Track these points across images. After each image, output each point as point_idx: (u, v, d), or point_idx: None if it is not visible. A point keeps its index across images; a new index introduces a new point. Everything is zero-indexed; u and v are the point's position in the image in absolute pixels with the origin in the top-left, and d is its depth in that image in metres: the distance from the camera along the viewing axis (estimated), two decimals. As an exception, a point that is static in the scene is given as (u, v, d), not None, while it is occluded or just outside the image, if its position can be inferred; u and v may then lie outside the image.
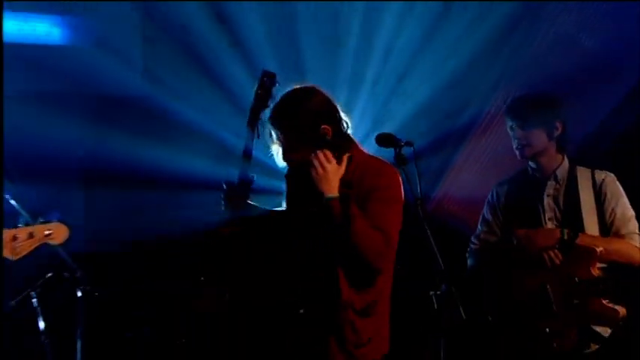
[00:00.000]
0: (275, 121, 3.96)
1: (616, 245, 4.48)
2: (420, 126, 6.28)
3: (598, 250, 4.38)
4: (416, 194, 3.79)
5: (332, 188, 3.78)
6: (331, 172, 3.84)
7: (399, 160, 3.85)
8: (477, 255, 4.84)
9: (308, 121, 3.90)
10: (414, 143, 3.87)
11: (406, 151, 3.89)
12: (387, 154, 3.95)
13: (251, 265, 4.46)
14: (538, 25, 6.19)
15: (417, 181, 3.83)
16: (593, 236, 4.50)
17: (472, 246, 4.86)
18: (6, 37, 6.02)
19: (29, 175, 5.42)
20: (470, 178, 6.37)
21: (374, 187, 3.80)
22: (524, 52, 6.26)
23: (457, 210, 6.24)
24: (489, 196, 4.91)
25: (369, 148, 4.34)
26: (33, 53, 6.28)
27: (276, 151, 4.09)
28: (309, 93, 3.96)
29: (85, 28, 6.55)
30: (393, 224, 3.84)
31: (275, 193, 4.54)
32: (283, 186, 4.33)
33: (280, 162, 4.12)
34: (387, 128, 5.34)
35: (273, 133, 3.98)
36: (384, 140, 3.92)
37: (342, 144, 3.94)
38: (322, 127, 3.88)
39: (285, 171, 4.14)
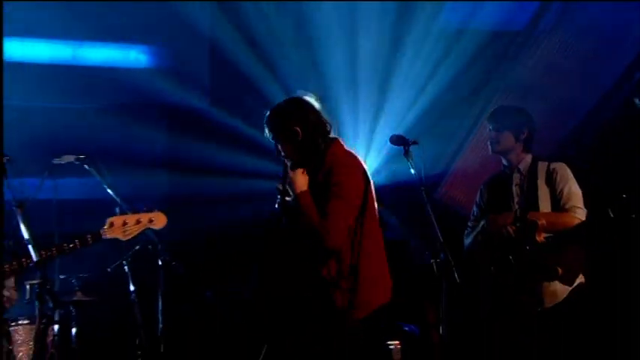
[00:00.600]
0: (265, 123, 4.35)
1: (558, 218, 4.87)
2: (431, 126, 6.58)
3: (540, 222, 4.76)
4: (420, 182, 4.23)
5: (299, 186, 4.18)
6: (296, 177, 4.20)
7: (407, 155, 4.29)
8: (468, 238, 5.22)
9: (283, 124, 4.31)
10: (419, 142, 4.32)
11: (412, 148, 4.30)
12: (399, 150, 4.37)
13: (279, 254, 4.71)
14: (524, 50, 6.59)
15: (422, 172, 4.27)
16: (540, 212, 4.87)
17: (466, 231, 5.24)
18: (105, 62, 6.82)
19: (121, 168, 5.63)
20: (470, 172, 6.56)
21: (330, 183, 4.11)
22: (514, 69, 6.58)
23: (460, 197, 6.42)
24: (477, 195, 5.31)
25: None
26: (126, 74, 6.77)
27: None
28: (290, 101, 4.43)
29: (166, 55, 7.04)
30: (339, 214, 4.08)
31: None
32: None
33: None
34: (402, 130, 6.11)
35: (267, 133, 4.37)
36: (395, 140, 4.38)
37: (315, 142, 4.30)
38: (294, 128, 4.25)
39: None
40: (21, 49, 6.68)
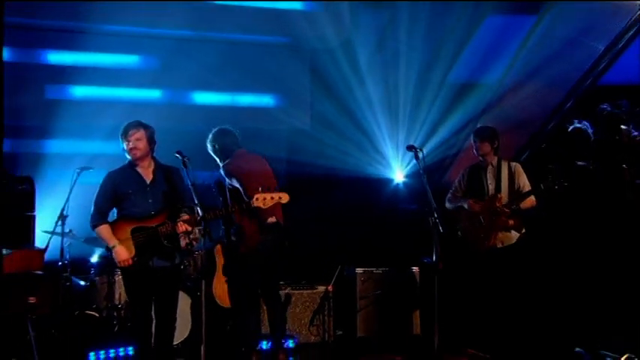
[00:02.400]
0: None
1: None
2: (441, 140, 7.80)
3: (499, 195, 5.91)
4: (423, 173, 5.39)
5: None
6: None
7: (416, 157, 5.43)
8: (448, 202, 6.30)
9: (210, 141, 5.63)
10: (423, 149, 5.51)
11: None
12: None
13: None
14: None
15: (425, 167, 5.39)
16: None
17: (447, 197, 6.31)
18: (249, 104, 7.79)
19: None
20: (464, 165, 6.87)
21: None
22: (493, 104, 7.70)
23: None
24: (459, 176, 6.29)
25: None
26: (260, 112, 7.85)
27: None
28: (218, 130, 5.65)
29: (284, 99, 7.98)
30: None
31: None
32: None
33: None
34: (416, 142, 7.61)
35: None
36: (409, 148, 5.56)
37: (223, 155, 5.59)
38: (214, 145, 5.60)
39: None
40: (201, 97, 7.87)
